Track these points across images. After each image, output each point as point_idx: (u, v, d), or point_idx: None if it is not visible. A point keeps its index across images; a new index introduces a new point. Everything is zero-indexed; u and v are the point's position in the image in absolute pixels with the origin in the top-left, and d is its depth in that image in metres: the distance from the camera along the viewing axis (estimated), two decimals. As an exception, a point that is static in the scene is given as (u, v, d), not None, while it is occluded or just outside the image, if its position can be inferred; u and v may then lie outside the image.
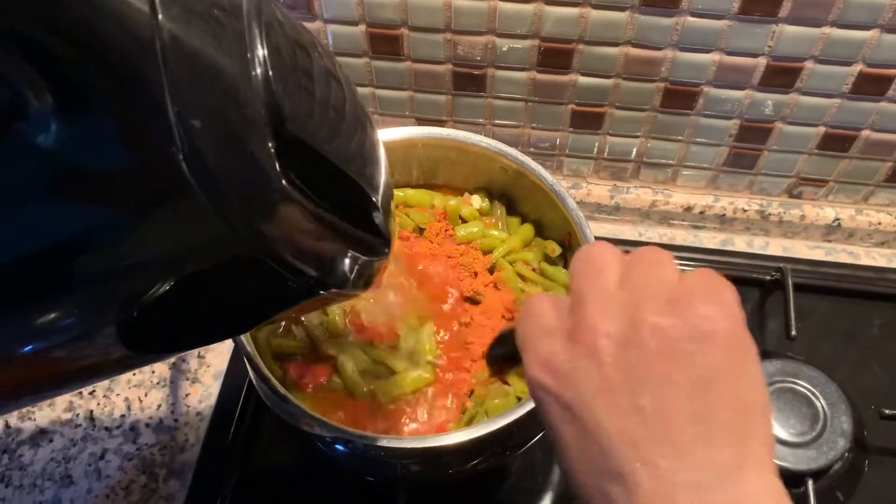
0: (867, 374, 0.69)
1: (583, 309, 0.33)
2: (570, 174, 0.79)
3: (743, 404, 0.31)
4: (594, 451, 0.31)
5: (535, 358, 0.34)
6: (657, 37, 0.63)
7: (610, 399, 0.31)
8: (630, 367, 0.31)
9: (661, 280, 0.33)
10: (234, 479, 0.64)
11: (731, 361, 0.31)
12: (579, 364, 0.32)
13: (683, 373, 0.30)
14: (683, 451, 0.30)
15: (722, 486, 0.29)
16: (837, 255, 0.78)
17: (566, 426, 0.32)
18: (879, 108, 0.66)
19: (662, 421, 0.30)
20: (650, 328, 0.31)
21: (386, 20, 0.65)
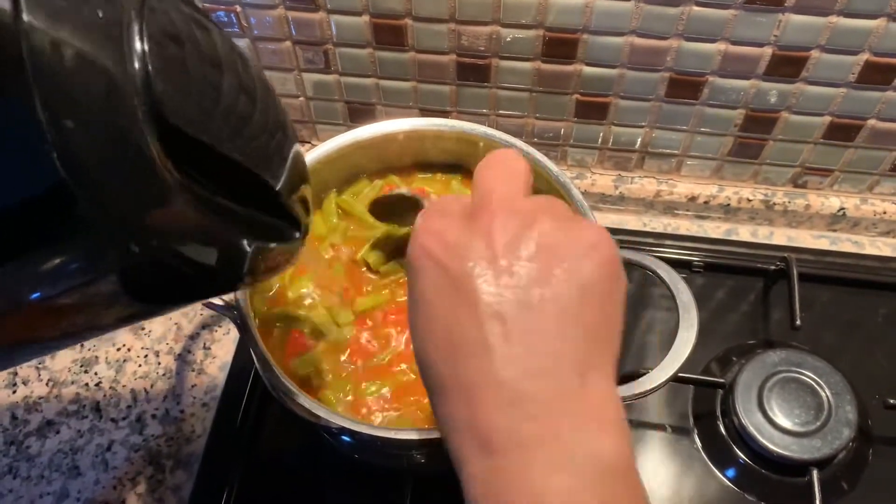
0: (872, 364, 0.69)
1: (488, 198, 0.35)
2: (574, 164, 0.79)
3: (606, 324, 0.33)
4: (464, 318, 0.32)
5: (426, 228, 0.36)
6: (662, 26, 0.63)
7: (493, 276, 0.32)
8: (517, 256, 0.33)
9: (561, 206, 0.36)
10: (240, 470, 0.64)
11: (604, 282, 0.33)
12: (474, 242, 0.34)
13: (564, 274, 0.32)
14: (545, 340, 0.31)
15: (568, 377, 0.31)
16: (842, 244, 0.78)
17: (441, 292, 0.33)
18: (886, 98, 0.66)
19: (535, 310, 0.32)
20: (545, 229, 0.33)
21: (390, 10, 0.65)
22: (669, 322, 0.72)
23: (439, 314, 0.33)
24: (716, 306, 0.73)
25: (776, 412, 0.63)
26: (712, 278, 0.74)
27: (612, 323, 0.34)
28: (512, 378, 0.31)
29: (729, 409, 0.64)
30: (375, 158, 0.63)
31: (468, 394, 0.32)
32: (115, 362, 0.71)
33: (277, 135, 0.37)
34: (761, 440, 0.62)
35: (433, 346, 0.34)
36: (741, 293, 0.74)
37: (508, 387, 0.31)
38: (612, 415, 0.32)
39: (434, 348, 0.33)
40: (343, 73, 0.72)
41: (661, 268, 0.56)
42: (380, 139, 0.61)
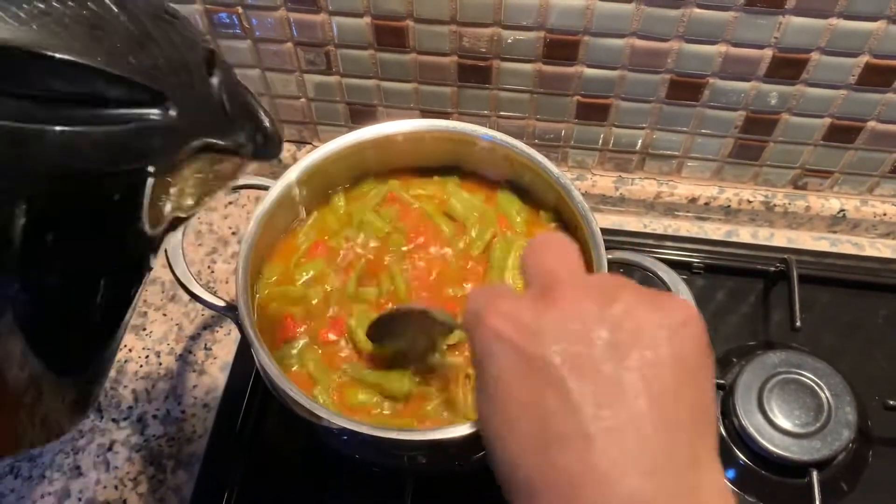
0: (872, 365, 0.69)
1: (555, 278, 0.32)
2: (574, 166, 0.79)
3: (702, 406, 0.31)
4: (555, 412, 0.29)
5: (495, 310, 0.32)
6: (663, 28, 0.63)
7: (584, 360, 0.30)
8: (606, 337, 0.30)
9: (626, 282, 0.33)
10: (241, 470, 0.64)
11: (698, 358, 0.31)
12: (553, 322, 0.31)
13: (663, 355, 0.30)
14: (647, 432, 0.28)
15: (680, 473, 0.28)
16: (842, 246, 0.78)
17: (518, 377, 0.30)
18: (886, 100, 0.66)
19: (636, 396, 0.29)
20: (630, 305, 0.31)
21: (391, 12, 0.65)
22: (670, 323, 0.72)
23: (522, 402, 0.30)
24: (716, 308, 0.73)
25: (776, 413, 0.63)
26: (712, 280, 0.74)
27: (710, 403, 0.31)
28: (620, 474, 0.27)
29: (729, 410, 0.64)
30: (376, 159, 0.64)
31: (568, 492, 0.28)
32: (117, 363, 0.71)
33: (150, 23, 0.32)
34: (761, 441, 0.62)
35: (517, 438, 0.30)
36: (741, 294, 0.74)
37: (617, 485, 0.27)
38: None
39: (518, 440, 0.30)
40: (344, 75, 0.72)
41: (661, 269, 0.56)
42: (381, 140, 0.61)
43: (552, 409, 0.29)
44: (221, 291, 0.75)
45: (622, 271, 0.73)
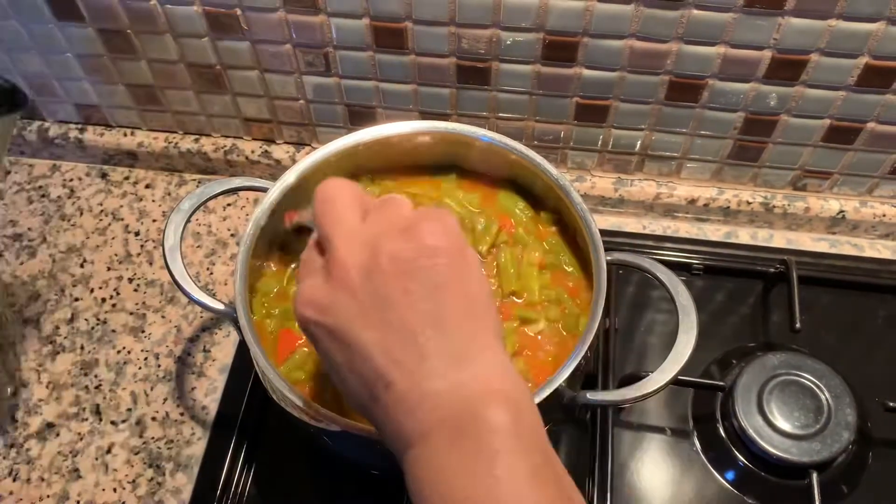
0: (871, 367, 0.69)
1: (333, 248, 0.39)
2: (574, 167, 0.79)
3: (471, 301, 0.38)
4: (358, 363, 0.37)
5: (301, 298, 0.39)
6: (662, 30, 0.63)
7: (365, 319, 0.37)
8: (376, 290, 0.37)
9: (398, 214, 0.40)
10: (240, 473, 0.64)
11: (455, 269, 0.38)
12: (337, 296, 0.38)
13: (417, 284, 0.37)
14: (425, 346, 0.36)
15: (459, 367, 0.36)
16: (842, 247, 0.78)
17: (335, 349, 0.38)
18: (885, 101, 0.66)
19: (405, 326, 0.36)
20: (387, 255, 0.37)
21: (390, 13, 0.65)
22: (669, 325, 0.72)
23: (343, 370, 0.38)
24: (715, 309, 0.73)
25: (776, 415, 0.63)
26: (712, 281, 0.74)
27: (478, 303, 0.38)
28: (411, 391, 0.36)
29: (729, 411, 0.64)
30: (376, 161, 0.64)
31: (385, 416, 0.37)
32: (115, 365, 0.71)
33: None
34: (761, 443, 0.62)
35: (355, 396, 0.39)
36: (741, 296, 0.74)
37: (411, 399, 0.36)
38: (494, 382, 0.36)
39: (355, 397, 0.39)
40: (343, 76, 0.72)
41: (660, 271, 0.56)
42: (380, 142, 0.61)
43: (360, 368, 0.37)
44: (220, 293, 0.75)
45: (621, 273, 0.74)
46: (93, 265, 0.78)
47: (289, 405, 0.51)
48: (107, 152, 0.84)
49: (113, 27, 0.71)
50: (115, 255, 0.78)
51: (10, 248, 0.79)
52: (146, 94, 0.78)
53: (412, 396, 0.36)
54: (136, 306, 0.75)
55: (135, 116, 0.82)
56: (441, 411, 0.35)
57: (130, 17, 0.69)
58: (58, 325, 0.74)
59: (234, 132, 0.82)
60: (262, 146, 0.82)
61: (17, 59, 0.76)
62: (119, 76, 0.76)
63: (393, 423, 0.37)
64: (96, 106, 0.81)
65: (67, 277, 0.77)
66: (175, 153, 0.82)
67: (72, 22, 0.71)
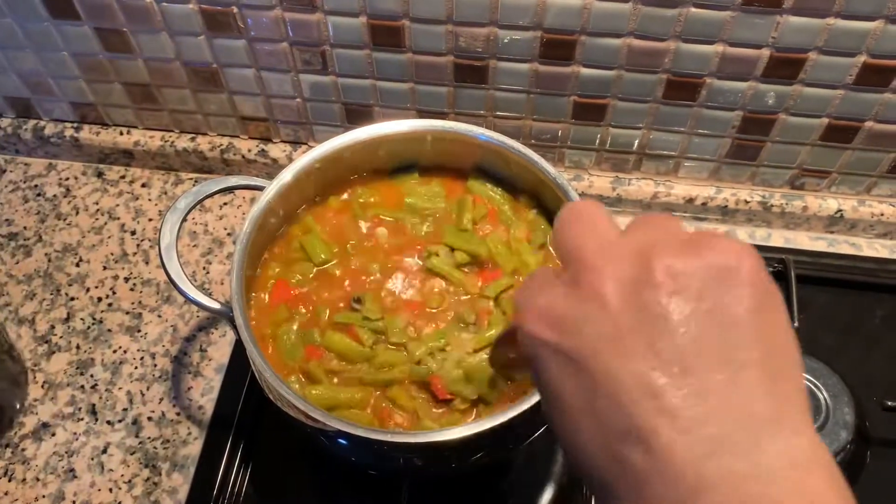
0: (869, 366, 0.69)
1: (582, 256, 0.30)
2: (571, 166, 0.79)
3: (774, 350, 0.27)
4: (603, 407, 0.27)
5: (530, 313, 0.30)
6: (660, 28, 0.63)
7: (621, 345, 0.27)
8: (643, 310, 0.27)
9: (669, 230, 0.30)
10: (236, 473, 0.64)
11: (756, 301, 0.27)
12: (584, 309, 0.28)
13: (704, 313, 0.27)
14: (710, 399, 0.25)
15: (759, 444, 0.25)
16: (840, 246, 0.78)
17: (569, 382, 0.28)
18: (883, 100, 0.66)
19: (684, 366, 0.26)
20: (664, 268, 0.27)
21: (387, 11, 0.65)
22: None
23: (577, 407, 0.28)
24: (713, 308, 0.73)
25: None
26: (710, 280, 0.74)
27: (784, 352, 0.27)
28: (687, 462, 0.25)
29: (726, 411, 0.64)
30: (372, 160, 0.63)
31: (638, 489, 0.26)
32: (111, 364, 0.71)
33: None
34: (759, 442, 0.61)
35: (583, 446, 0.28)
36: (739, 295, 0.74)
37: (688, 477, 0.25)
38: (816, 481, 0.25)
39: (585, 447, 0.28)
40: (340, 75, 0.72)
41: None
42: (377, 141, 0.61)
43: (606, 411, 0.27)
44: (217, 293, 0.75)
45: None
46: (89, 264, 0.77)
47: (285, 405, 0.50)
48: (103, 151, 0.84)
49: (109, 25, 0.70)
50: (111, 254, 0.78)
51: (5, 248, 0.79)
52: (142, 92, 0.78)
53: (691, 474, 0.25)
54: (132, 306, 0.74)
55: (131, 115, 0.81)
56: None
57: (126, 16, 0.69)
58: (53, 325, 0.73)
59: (231, 131, 0.81)
60: (258, 145, 0.82)
61: (12, 57, 0.76)
62: (115, 75, 0.76)
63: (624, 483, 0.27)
64: (92, 104, 0.81)
65: (63, 277, 0.77)
66: (171, 152, 0.82)
67: (67, 20, 0.71)
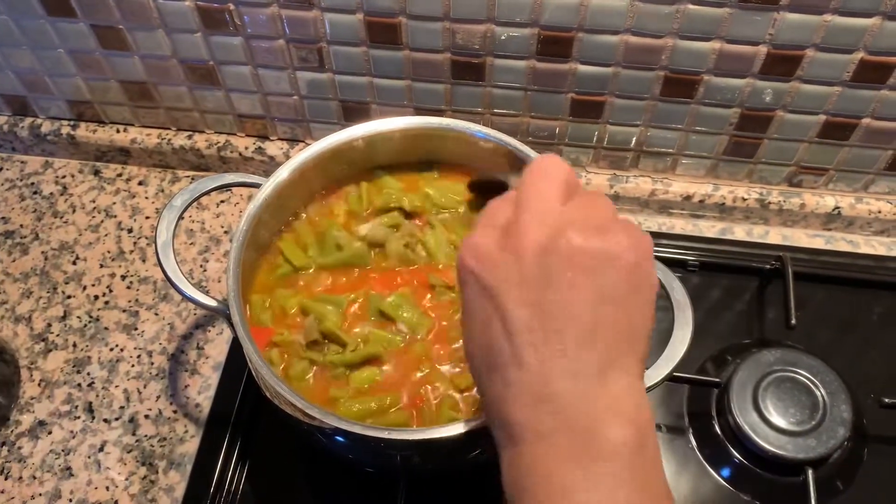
0: (867, 363, 0.69)
1: (522, 214, 0.38)
2: (569, 163, 0.79)
3: (631, 322, 0.36)
4: (497, 331, 0.36)
5: (469, 243, 0.39)
6: (657, 25, 0.62)
7: (522, 290, 0.36)
8: (545, 268, 0.36)
9: (598, 213, 0.38)
10: (233, 471, 0.64)
11: (629, 287, 0.36)
12: (505, 258, 0.37)
13: (587, 283, 0.35)
14: (569, 346, 0.35)
15: (597, 380, 0.35)
16: (837, 243, 0.78)
17: (480, 306, 0.37)
18: (880, 97, 0.66)
19: (559, 318, 0.35)
20: (570, 242, 0.36)
21: (384, 8, 0.65)
22: (664, 321, 0.71)
23: (478, 325, 0.38)
24: (711, 305, 0.73)
25: (771, 411, 0.62)
26: (707, 277, 0.74)
27: (636, 325, 0.37)
28: (539, 381, 0.35)
29: (724, 408, 0.64)
30: (370, 158, 0.63)
31: (503, 394, 0.36)
32: (108, 362, 0.71)
33: None
34: (756, 440, 0.61)
35: (477, 354, 0.38)
36: (736, 292, 0.74)
37: (536, 388, 0.35)
38: (626, 406, 0.35)
39: (478, 356, 0.38)
40: (337, 72, 0.72)
41: (655, 267, 0.56)
42: (374, 138, 0.61)
43: (495, 333, 0.36)
44: (214, 291, 0.75)
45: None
46: (85, 262, 0.77)
47: (282, 403, 0.50)
48: (99, 149, 0.83)
49: (105, 22, 0.70)
50: (108, 252, 0.78)
51: (1, 246, 0.79)
52: (139, 90, 0.78)
53: (539, 387, 0.35)
54: (128, 303, 0.74)
55: (127, 113, 0.81)
56: (566, 415, 0.34)
57: (122, 13, 0.69)
58: (50, 323, 0.73)
59: (228, 128, 0.81)
60: (255, 142, 0.81)
61: (8, 55, 0.76)
62: (112, 72, 0.76)
63: (508, 405, 0.36)
64: (89, 102, 0.80)
65: (60, 275, 0.76)
66: (168, 150, 0.82)
67: (64, 17, 0.70)
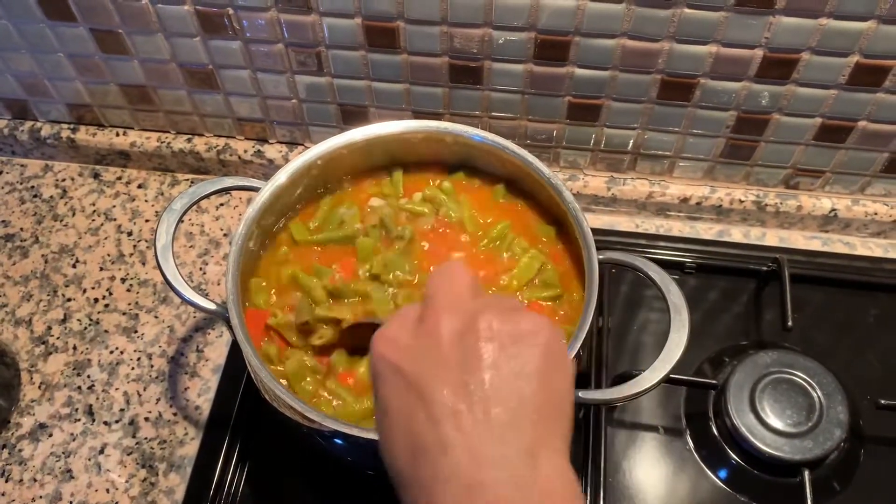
0: (863, 365, 0.69)
1: (432, 305, 0.38)
2: (566, 166, 0.79)
3: (552, 397, 0.36)
4: (419, 416, 0.35)
5: (382, 335, 0.39)
6: (654, 29, 0.63)
7: (443, 373, 0.35)
8: (464, 349, 0.36)
9: (506, 301, 0.40)
10: (233, 473, 0.64)
11: (546, 364, 0.36)
12: (422, 342, 0.37)
13: (507, 362, 0.36)
14: (495, 428, 0.34)
15: (526, 463, 0.34)
16: (834, 245, 0.79)
17: (397, 394, 0.36)
18: (876, 99, 0.66)
19: (483, 399, 0.34)
20: (486, 323, 0.36)
21: (382, 13, 0.65)
22: (661, 323, 0.72)
23: (400, 417, 0.36)
24: (708, 307, 0.73)
25: (768, 413, 0.63)
26: (704, 279, 0.75)
27: (558, 403, 0.37)
28: (467, 470, 0.33)
29: (721, 409, 0.64)
30: (368, 161, 0.64)
31: (429, 489, 0.34)
32: (108, 365, 0.71)
33: None
34: (753, 441, 0.62)
35: (396, 449, 0.36)
36: (733, 294, 0.74)
37: (465, 478, 0.33)
38: (559, 490, 0.34)
39: (397, 451, 0.36)
40: (335, 76, 0.72)
41: (651, 269, 0.56)
42: (373, 141, 0.61)
43: (419, 422, 0.35)
44: (213, 294, 0.75)
45: (614, 272, 0.74)
46: (85, 265, 0.77)
47: (281, 405, 0.51)
48: (99, 152, 0.84)
49: (104, 27, 0.71)
50: (108, 255, 0.78)
51: (2, 249, 0.79)
52: (138, 93, 0.78)
53: (470, 474, 0.33)
54: (128, 306, 0.74)
55: (127, 116, 0.81)
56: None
57: (122, 17, 0.69)
58: (50, 326, 0.73)
59: (227, 132, 0.82)
60: (254, 146, 0.82)
61: (8, 59, 0.76)
62: (111, 76, 0.76)
63: (438, 496, 0.33)
64: (88, 105, 0.81)
65: (60, 278, 0.77)
66: (167, 153, 0.82)
67: (63, 21, 0.71)
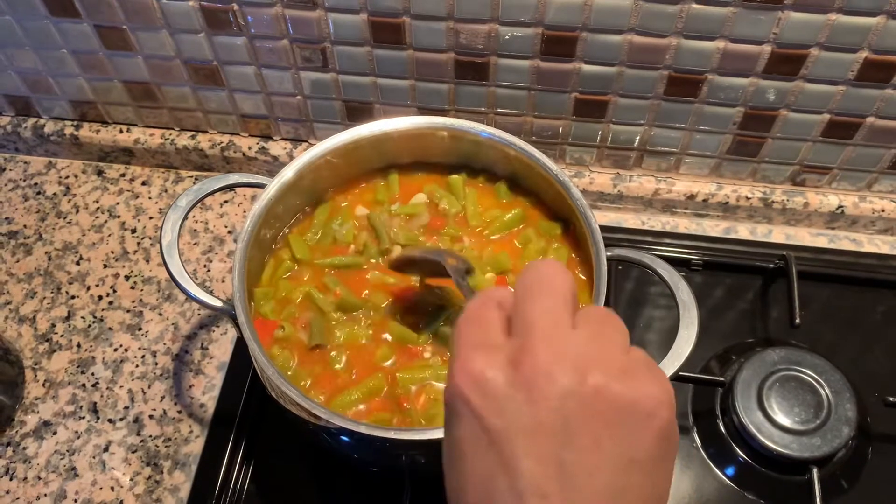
0: (871, 362, 0.69)
1: (531, 339, 0.31)
2: (572, 163, 0.79)
3: (653, 496, 0.31)
4: (502, 486, 0.29)
5: (466, 367, 0.31)
6: (661, 24, 0.62)
7: (536, 442, 0.29)
8: (564, 417, 0.29)
9: (616, 343, 0.33)
10: (238, 470, 0.64)
11: (659, 451, 0.31)
12: (514, 394, 0.30)
13: (614, 443, 0.30)
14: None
15: None
16: (841, 242, 0.78)
17: (478, 450, 0.31)
18: (884, 95, 0.66)
19: (578, 485, 0.29)
20: (597, 387, 0.30)
21: (387, 8, 0.65)
22: (667, 320, 0.72)
23: (475, 472, 0.31)
24: (715, 305, 0.73)
25: (776, 410, 0.62)
26: (711, 277, 0.74)
27: (659, 495, 0.32)
28: None
29: (728, 407, 0.64)
30: (373, 157, 0.63)
31: None
32: (113, 363, 0.71)
33: None
34: (761, 438, 0.61)
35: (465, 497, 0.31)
36: (740, 291, 0.74)
37: None
38: None
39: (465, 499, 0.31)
40: (341, 72, 0.72)
41: (660, 266, 0.56)
42: (378, 138, 0.61)
43: (499, 488, 0.30)
44: (218, 290, 0.75)
45: (620, 268, 0.74)
46: (89, 263, 0.77)
47: (287, 402, 0.50)
48: (103, 149, 0.83)
49: (108, 23, 0.70)
50: (112, 252, 0.78)
51: (5, 246, 0.79)
52: (142, 90, 0.78)
53: None
54: (132, 304, 0.74)
55: (131, 113, 0.81)
56: None
57: (126, 13, 0.69)
58: (54, 323, 0.73)
59: (231, 128, 0.81)
60: (259, 142, 0.81)
61: (11, 55, 0.76)
62: (115, 72, 0.76)
63: None
64: (92, 102, 0.80)
65: (64, 275, 0.76)
66: (171, 150, 0.82)
67: (67, 18, 0.70)
